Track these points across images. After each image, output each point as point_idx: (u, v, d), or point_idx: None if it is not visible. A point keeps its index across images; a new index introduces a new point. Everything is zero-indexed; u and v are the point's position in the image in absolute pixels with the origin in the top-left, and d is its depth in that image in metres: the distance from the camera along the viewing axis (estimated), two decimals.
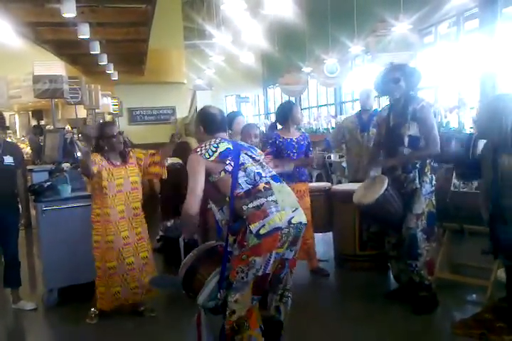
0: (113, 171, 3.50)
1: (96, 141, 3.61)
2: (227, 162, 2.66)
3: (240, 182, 2.62)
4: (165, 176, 3.75)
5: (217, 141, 2.75)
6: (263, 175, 2.68)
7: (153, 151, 3.73)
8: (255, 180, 2.64)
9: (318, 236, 4.89)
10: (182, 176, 4.58)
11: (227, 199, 2.60)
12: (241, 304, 2.58)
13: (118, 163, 3.56)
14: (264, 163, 2.80)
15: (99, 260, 3.54)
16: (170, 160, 5.57)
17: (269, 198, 2.58)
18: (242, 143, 2.98)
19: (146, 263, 3.64)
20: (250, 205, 2.56)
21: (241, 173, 2.65)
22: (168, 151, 3.75)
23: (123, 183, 3.52)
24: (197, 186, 2.62)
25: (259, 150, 2.97)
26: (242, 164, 2.68)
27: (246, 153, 2.76)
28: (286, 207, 2.59)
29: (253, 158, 2.75)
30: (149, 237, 3.79)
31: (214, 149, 2.69)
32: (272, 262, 2.56)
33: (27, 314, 3.98)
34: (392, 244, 3.75)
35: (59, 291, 4.10)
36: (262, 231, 2.50)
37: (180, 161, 5.50)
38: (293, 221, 2.58)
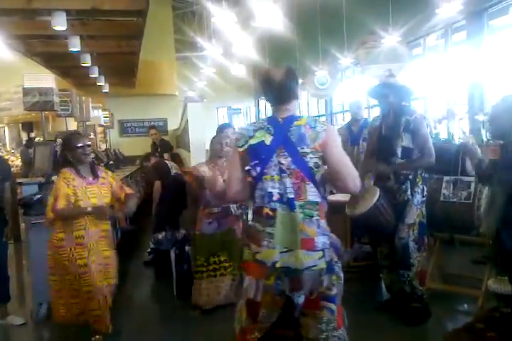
0: (87, 189, 3.25)
1: (62, 154, 3.39)
2: (248, 168, 2.25)
3: (256, 194, 2.27)
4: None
5: (258, 125, 2.28)
6: (274, 198, 2.22)
7: (127, 191, 3.50)
8: (263, 200, 2.24)
9: None
10: (180, 188, 4.59)
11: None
12: (240, 313, 2.39)
13: (90, 179, 3.31)
14: (287, 179, 2.21)
15: (61, 287, 3.30)
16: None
17: (267, 229, 2.22)
18: (294, 133, 2.22)
19: (110, 291, 3.41)
20: (255, 224, 2.29)
21: (259, 185, 2.25)
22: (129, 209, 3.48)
23: (97, 204, 3.26)
24: (231, 178, 2.39)
25: (315, 143, 2.20)
26: (265, 174, 2.23)
27: (280, 160, 2.21)
28: (278, 245, 2.20)
29: (281, 169, 2.21)
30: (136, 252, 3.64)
31: (247, 138, 2.25)
32: (261, 291, 2.26)
33: (15, 329, 3.91)
34: (385, 255, 3.76)
35: (48, 305, 4.04)
36: (257, 257, 2.26)
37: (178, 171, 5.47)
38: (277, 265, 2.20)
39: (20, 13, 7.34)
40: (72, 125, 10.15)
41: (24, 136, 15.19)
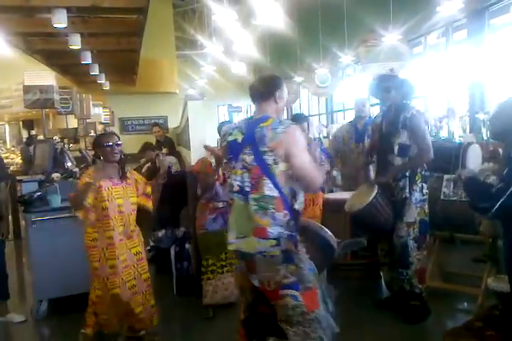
0: (112, 190, 3.29)
1: (94, 152, 3.51)
2: (225, 161, 2.69)
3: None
4: (151, 209, 3.64)
5: (237, 124, 2.55)
6: (234, 189, 2.48)
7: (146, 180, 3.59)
8: (229, 190, 2.57)
9: None
10: (181, 185, 4.56)
11: None
12: None
13: (115, 180, 3.34)
14: (247, 174, 2.45)
15: (100, 287, 3.26)
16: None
17: (229, 216, 2.56)
18: (258, 133, 2.43)
19: (148, 285, 3.43)
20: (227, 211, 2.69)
21: (230, 177, 2.58)
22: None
23: (123, 204, 3.32)
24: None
25: (272, 143, 2.39)
26: (234, 168, 2.50)
27: (244, 157, 2.45)
28: (233, 231, 2.48)
29: (243, 165, 2.46)
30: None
31: (228, 135, 2.54)
32: (235, 270, 2.65)
33: (16, 327, 3.91)
34: (386, 251, 3.76)
35: (49, 303, 4.05)
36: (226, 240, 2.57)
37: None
38: (230, 248, 2.48)
39: (20, 11, 7.34)
40: (73, 122, 10.18)
41: (25, 134, 15.21)
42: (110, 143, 3.31)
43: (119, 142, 3.37)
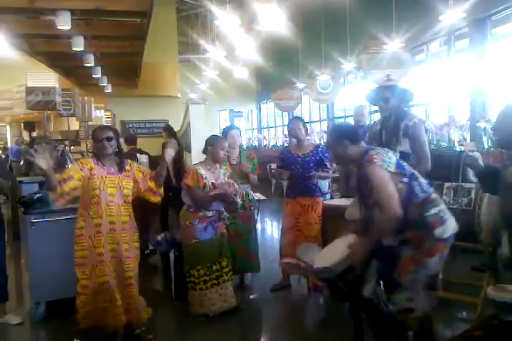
0: (106, 179, 3.31)
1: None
2: (403, 174, 2.77)
3: (416, 191, 2.74)
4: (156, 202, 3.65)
5: (383, 151, 2.81)
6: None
7: (152, 175, 3.52)
8: (427, 189, 2.78)
9: None
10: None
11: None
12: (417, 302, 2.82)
13: (112, 170, 3.37)
14: None
15: (86, 277, 3.31)
16: None
17: (442, 206, 2.77)
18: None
19: (130, 284, 3.39)
20: (432, 211, 2.71)
21: (414, 182, 2.75)
22: (162, 172, 3.53)
23: (115, 194, 3.33)
24: (394, 195, 2.66)
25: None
26: (413, 174, 2.78)
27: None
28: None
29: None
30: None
31: (389, 160, 2.75)
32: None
33: (12, 328, 3.89)
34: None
35: (46, 305, 4.03)
36: (444, 236, 2.73)
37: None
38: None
39: (24, 12, 7.35)
40: (74, 125, 10.19)
41: (26, 135, 15.22)
42: (100, 138, 3.34)
43: (112, 136, 3.36)
